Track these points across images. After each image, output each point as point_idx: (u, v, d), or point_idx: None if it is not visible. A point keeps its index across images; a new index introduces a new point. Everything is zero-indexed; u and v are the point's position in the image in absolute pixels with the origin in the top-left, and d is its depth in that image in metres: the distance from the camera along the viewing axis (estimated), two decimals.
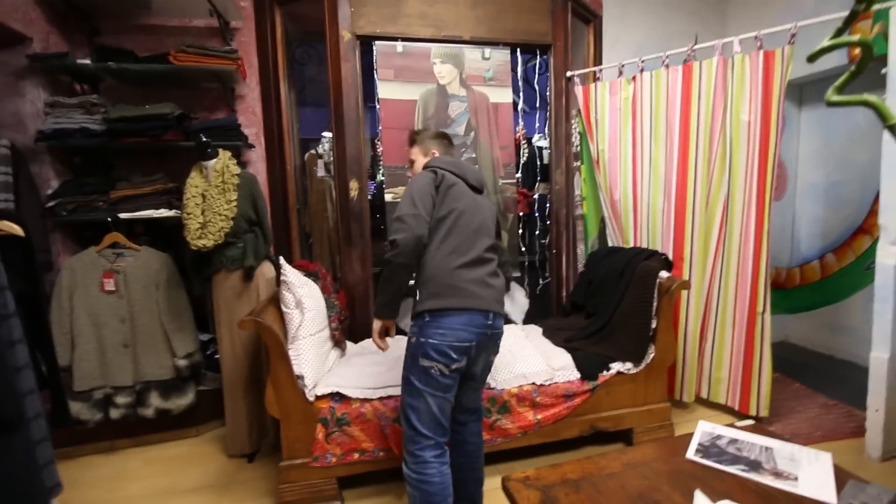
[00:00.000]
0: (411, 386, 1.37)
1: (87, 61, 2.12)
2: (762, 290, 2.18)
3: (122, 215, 2.07)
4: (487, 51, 2.62)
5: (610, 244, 2.62)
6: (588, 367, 1.96)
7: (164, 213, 2.12)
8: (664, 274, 2.07)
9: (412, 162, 1.65)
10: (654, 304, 2.02)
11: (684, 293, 2.37)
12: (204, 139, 1.95)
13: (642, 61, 2.46)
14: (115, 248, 2.06)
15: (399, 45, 2.46)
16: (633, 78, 2.47)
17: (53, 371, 1.16)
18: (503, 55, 2.64)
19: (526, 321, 2.68)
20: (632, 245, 2.51)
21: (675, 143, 2.35)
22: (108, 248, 2.06)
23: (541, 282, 2.84)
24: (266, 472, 1.98)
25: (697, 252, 2.34)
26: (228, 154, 2.02)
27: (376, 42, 2.43)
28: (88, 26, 2.31)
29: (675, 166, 2.35)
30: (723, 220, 2.27)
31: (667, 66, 2.36)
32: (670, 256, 2.32)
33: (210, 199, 1.92)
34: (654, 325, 2.02)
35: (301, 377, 1.71)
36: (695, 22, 3.22)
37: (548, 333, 2.28)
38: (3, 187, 1.94)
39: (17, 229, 1.02)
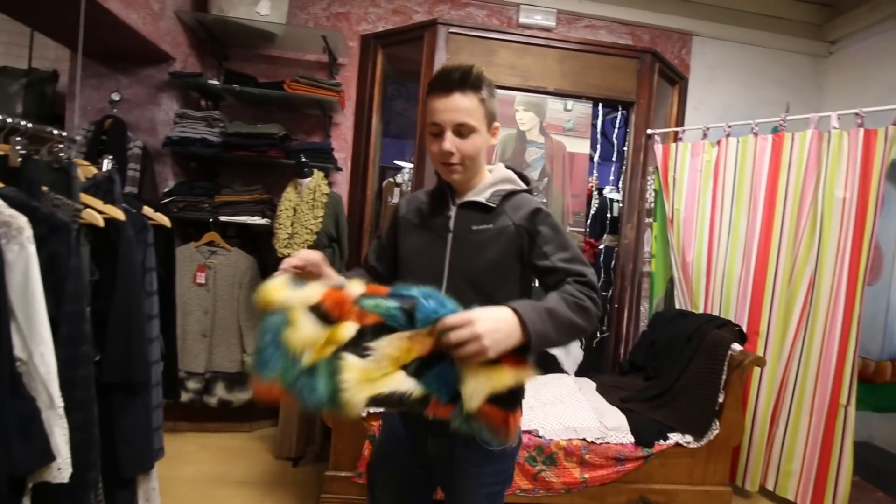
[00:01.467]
0: None
1: (216, 82, 2.45)
2: (847, 380, 2.02)
3: (222, 218, 2.32)
4: (570, 102, 2.72)
5: (677, 306, 2.55)
6: (644, 432, 1.90)
7: (257, 220, 2.35)
8: (737, 347, 1.98)
9: (464, 129, 0.92)
10: (723, 377, 1.93)
11: (757, 370, 2.24)
12: (303, 159, 2.17)
13: (729, 126, 2.45)
14: (211, 245, 2.31)
15: None
16: (718, 142, 2.47)
17: (171, 348, 1.31)
18: (585, 108, 2.74)
19: (578, 373, 2.64)
20: (701, 311, 2.43)
21: (758, 211, 2.29)
22: (205, 245, 2.30)
23: (598, 335, 2.80)
24: (308, 478, 2.05)
25: (775, 328, 2.23)
26: (321, 174, 2.23)
27: None
28: (220, 52, 2.68)
29: (758, 235, 2.29)
30: (807, 299, 2.16)
31: (755, 134, 2.35)
32: (744, 328, 2.22)
33: (300, 213, 2.12)
34: (720, 399, 1.93)
35: None
36: (787, 92, 3.17)
37: (602, 390, 2.23)
38: (131, 181, 2.24)
39: (165, 221, 1.21)
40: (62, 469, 0.86)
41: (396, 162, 3.87)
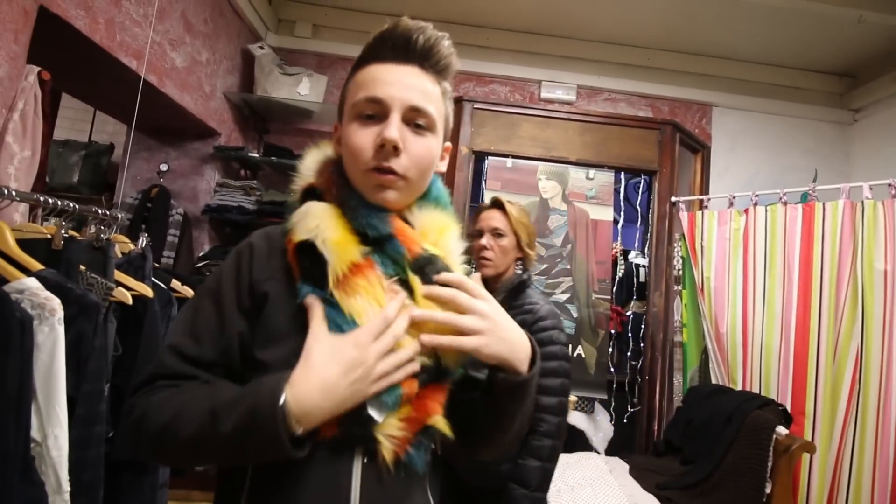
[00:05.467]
0: None
1: (256, 154, 2.60)
2: None
3: None
4: (592, 171, 2.74)
5: (713, 381, 2.38)
6: None
7: None
8: (782, 430, 1.81)
9: (421, 120, 0.62)
10: (769, 464, 1.75)
11: (806, 456, 2.03)
12: None
13: (756, 195, 2.40)
14: None
15: (509, 162, 2.68)
16: (746, 210, 2.41)
17: None
18: (607, 176, 2.74)
19: (609, 452, 2.44)
20: (740, 386, 2.26)
21: (794, 282, 2.18)
22: None
23: (629, 409, 2.62)
24: None
25: (823, 408, 2.03)
26: None
27: (489, 157, 2.67)
28: (262, 127, 2.86)
29: (795, 308, 2.16)
30: (855, 376, 1.98)
31: (784, 203, 2.29)
32: (789, 408, 2.04)
33: None
34: (767, 489, 1.74)
35: None
36: (813, 159, 3.12)
37: (636, 473, 2.05)
38: (169, 246, 2.33)
39: (190, 293, 1.23)
40: None
41: None
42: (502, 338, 0.57)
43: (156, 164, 2.51)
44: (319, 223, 0.58)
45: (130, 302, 1.01)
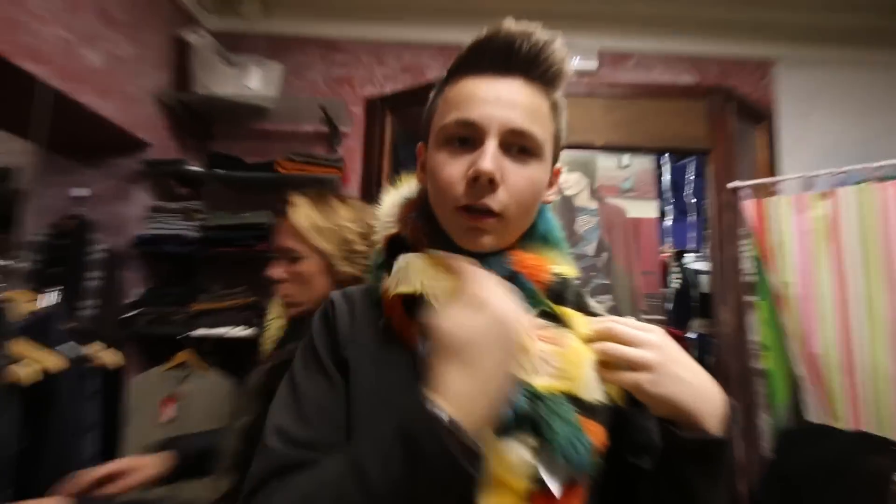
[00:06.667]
0: None
1: (197, 168, 2.59)
2: None
3: (197, 332, 2.33)
4: (625, 157, 2.73)
5: (810, 419, 2.31)
6: None
7: (240, 331, 2.35)
8: None
9: (527, 143, 0.66)
10: None
11: None
12: None
13: (841, 172, 2.37)
14: (183, 368, 2.30)
15: None
16: (830, 192, 2.37)
17: None
18: (645, 162, 2.73)
19: None
20: (846, 425, 2.19)
21: None
22: (175, 367, 2.30)
23: None
24: None
25: None
26: None
27: None
28: (203, 132, 2.87)
29: None
30: None
31: (880, 179, 2.24)
32: None
33: None
34: None
35: None
36: None
37: None
38: (93, 293, 2.31)
39: (111, 360, 1.20)
40: None
41: None
42: (677, 375, 0.57)
43: (68, 190, 2.50)
44: (423, 279, 0.62)
45: (30, 381, 0.98)
